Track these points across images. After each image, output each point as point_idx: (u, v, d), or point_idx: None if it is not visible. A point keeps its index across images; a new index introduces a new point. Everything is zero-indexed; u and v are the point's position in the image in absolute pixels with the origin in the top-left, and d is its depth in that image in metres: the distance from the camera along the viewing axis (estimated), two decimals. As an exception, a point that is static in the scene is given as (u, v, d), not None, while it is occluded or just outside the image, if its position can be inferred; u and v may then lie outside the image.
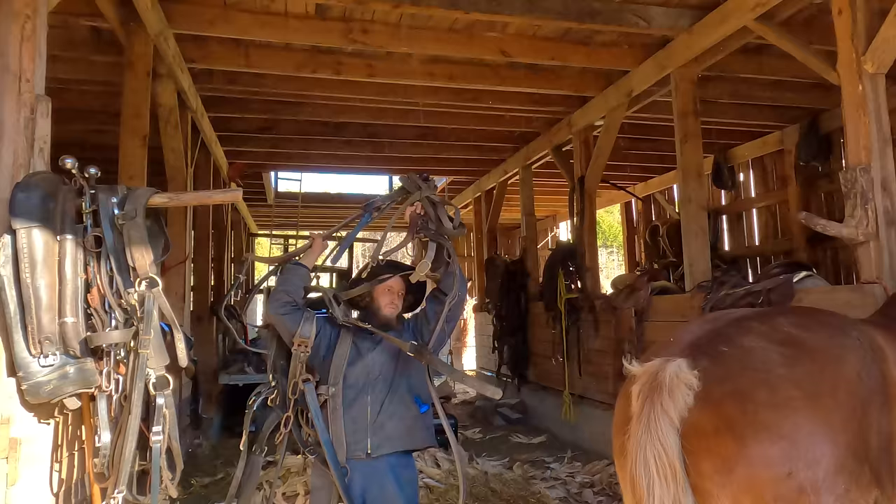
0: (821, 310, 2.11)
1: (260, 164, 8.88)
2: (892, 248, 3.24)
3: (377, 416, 2.74)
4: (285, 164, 9.03)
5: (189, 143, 5.87)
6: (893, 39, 3.26)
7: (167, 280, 5.52)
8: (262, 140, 7.78)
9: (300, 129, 7.39)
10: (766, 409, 1.65)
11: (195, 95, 5.86)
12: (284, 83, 5.83)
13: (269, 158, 8.61)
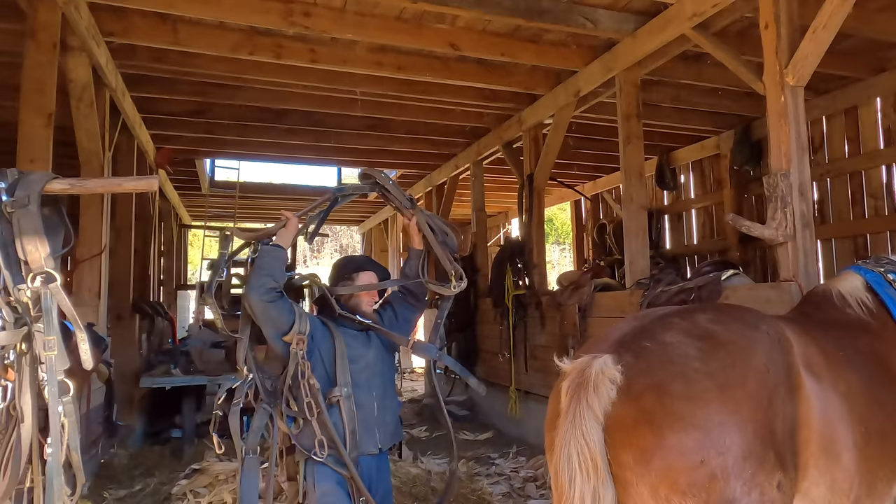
0: (738, 306, 2.27)
1: (192, 151, 8.40)
2: (807, 249, 3.48)
3: (378, 411, 2.78)
4: (221, 150, 8.55)
5: (107, 125, 5.46)
6: (811, 55, 3.50)
7: (80, 275, 5.19)
8: (193, 124, 7.35)
9: (237, 114, 7.06)
10: (682, 400, 1.78)
11: (114, 72, 5.46)
12: (218, 64, 5.52)
13: (203, 144, 8.18)
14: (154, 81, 6.18)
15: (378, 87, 6.19)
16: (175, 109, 6.97)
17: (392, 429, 2.83)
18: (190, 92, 6.39)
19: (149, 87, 6.23)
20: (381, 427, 2.77)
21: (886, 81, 5.86)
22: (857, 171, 6.33)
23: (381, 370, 2.85)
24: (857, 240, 6.33)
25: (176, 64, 5.53)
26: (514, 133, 7.20)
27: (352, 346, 2.78)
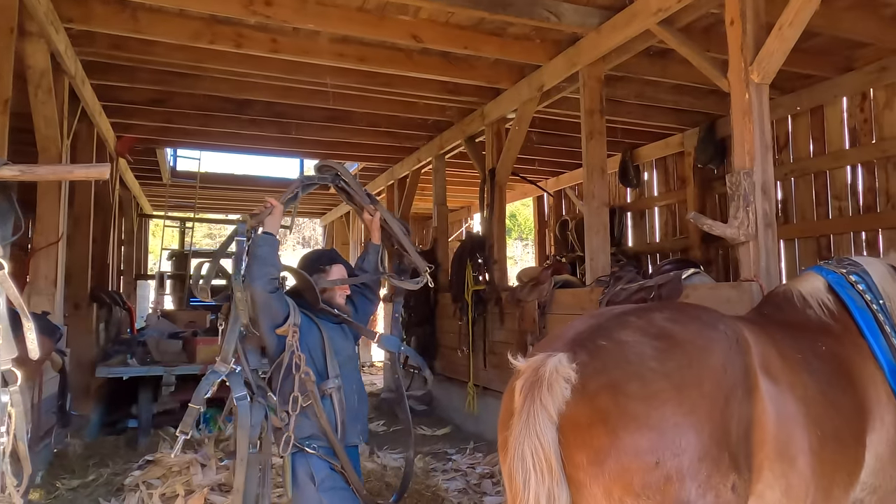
0: (697, 306, 2.20)
1: (153, 140, 8.29)
2: (768, 249, 3.45)
3: (358, 402, 2.85)
4: (182, 140, 8.44)
5: (66, 112, 5.41)
6: (777, 52, 3.46)
7: (36, 263, 5.15)
8: (154, 113, 7.25)
9: (198, 103, 6.95)
10: (637, 401, 1.69)
11: (74, 59, 5.35)
12: (179, 53, 5.41)
13: (163, 134, 8.04)
14: (114, 69, 6.05)
15: (341, 79, 6.07)
16: (135, 98, 6.84)
17: (365, 418, 2.93)
18: (150, 80, 6.27)
19: (109, 74, 6.10)
20: (362, 419, 2.87)
21: (853, 81, 5.89)
22: (821, 171, 6.38)
23: (356, 363, 2.95)
24: (820, 240, 6.39)
25: (136, 52, 5.41)
26: (476, 127, 7.09)
27: (333, 338, 2.82)
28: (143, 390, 6.08)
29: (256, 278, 2.64)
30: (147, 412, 6.04)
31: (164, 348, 6.38)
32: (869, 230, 5.91)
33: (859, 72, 5.80)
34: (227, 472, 4.19)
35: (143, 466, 4.47)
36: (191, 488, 4.03)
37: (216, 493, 4.02)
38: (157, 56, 5.47)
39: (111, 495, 4.20)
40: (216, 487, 4.12)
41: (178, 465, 4.31)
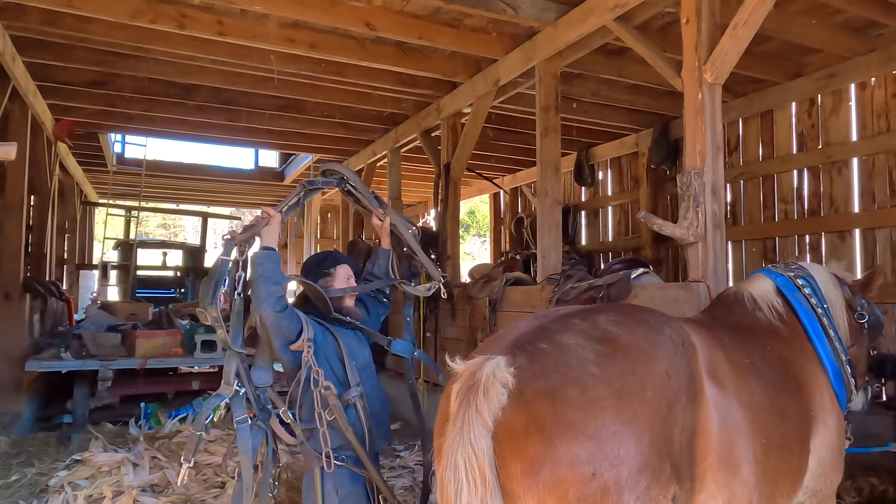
0: (644, 308, 2.12)
1: (94, 124, 7.85)
2: (717, 250, 3.43)
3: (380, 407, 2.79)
4: (126, 125, 8.01)
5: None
6: (731, 52, 3.44)
7: None
8: (94, 96, 6.85)
9: (141, 87, 6.60)
10: (575, 408, 1.60)
11: (1, 33, 5.02)
12: (118, 31, 5.08)
13: (106, 118, 7.61)
14: (49, 47, 5.64)
15: (292, 66, 5.83)
16: (73, 79, 6.42)
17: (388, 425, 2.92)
18: (89, 60, 5.87)
19: (43, 52, 5.69)
20: (385, 424, 2.83)
21: (802, 86, 5.98)
22: (769, 174, 6.47)
23: (373, 367, 2.87)
24: (766, 242, 6.49)
25: (71, 28, 5.04)
26: (432, 121, 6.96)
27: (349, 345, 2.75)
28: (79, 385, 5.81)
29: (263, 300, 2.54)
30: (83, 408, 5.78)
31: (101, 341, 6.07)
32: (812, 233, 6.03)
33: (808, 78, 5.90)
34: (161, 473, 3.96)
35: (70, 466, 4.18)
36: (120, 489, 3.79)
37: (147, 493, 3.79)
38: (95, 34, 5.11)
39: (34, 497, 3.92)
40: (148, 488, 3.90)
41: (107, 464, 4.06)
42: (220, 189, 13.07)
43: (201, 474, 4.07)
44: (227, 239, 2.65)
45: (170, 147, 23.87)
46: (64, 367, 5.72)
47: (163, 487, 3.91)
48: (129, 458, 4.15)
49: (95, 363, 5.74)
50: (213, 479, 4.02)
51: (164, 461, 4.23)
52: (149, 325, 6.82)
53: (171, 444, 4.73)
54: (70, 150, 9.01)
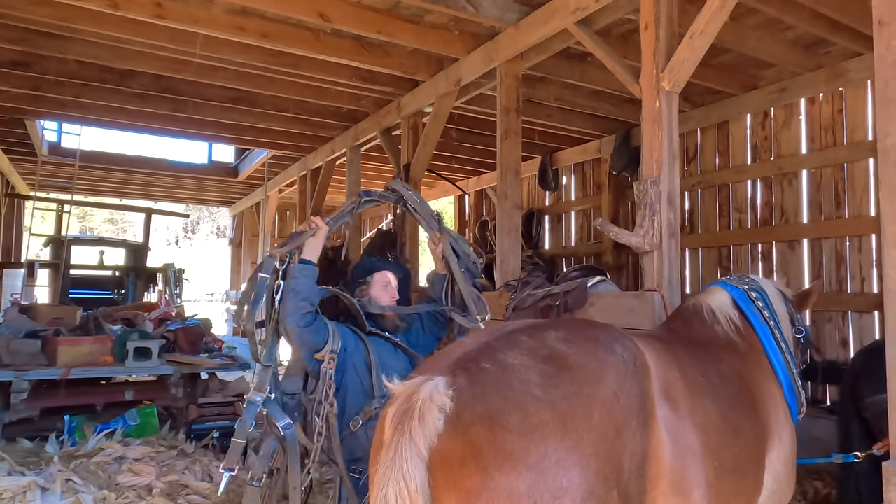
0: (597, 324, 2.02)
1: (19, 109, 7.23)
2: (671, 259, 3.39)
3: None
4: (55, 112, 7.38)
5: None
6: (688, 61, 3.41)
7: None
8: (16, 78, 6.29)
9: (71, 71, 6.12)
10: (516, 435, 1.49)
11: None
12: (40, 8, 4.66)
13: (31, 103, 7.03)
14: None
15: (242, 55, 5.55)
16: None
17: None
18: (8, 39, 5.37)
19: None
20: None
21: (756, 99, 6.06)
22: (725, 183, 6.54)
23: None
24: (721, 250, 6.56)
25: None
26: (392, 119, 6.82)
27: (381, 355, 2.70)
28: None
29: (289, 314, 2.51)
30: None
31: (16, 349, 5.52)
32: (765, 242, 6.12)
33: (762, 91, 5.99)
34: (75, 498, 3.62)
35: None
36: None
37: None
38: (14, 10, 4.66)
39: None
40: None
41: (11, 489, 3.65)
42: (169, 184, 12.48)
43: (122, 498, 3.77)
44: (268, 256, 2.59)
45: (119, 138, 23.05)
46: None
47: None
48: (37, 481, 3.76)
49: (8, 373, 5.20)
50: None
51: (79, 484, 3.88)
52: (74, 330, 6.28)
53: (89, 464, 4.35)
54: None
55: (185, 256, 27.20)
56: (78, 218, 27.80)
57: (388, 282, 2.92)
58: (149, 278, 10.97)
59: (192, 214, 29.91)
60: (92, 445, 4.87)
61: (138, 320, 6.72)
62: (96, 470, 4.28)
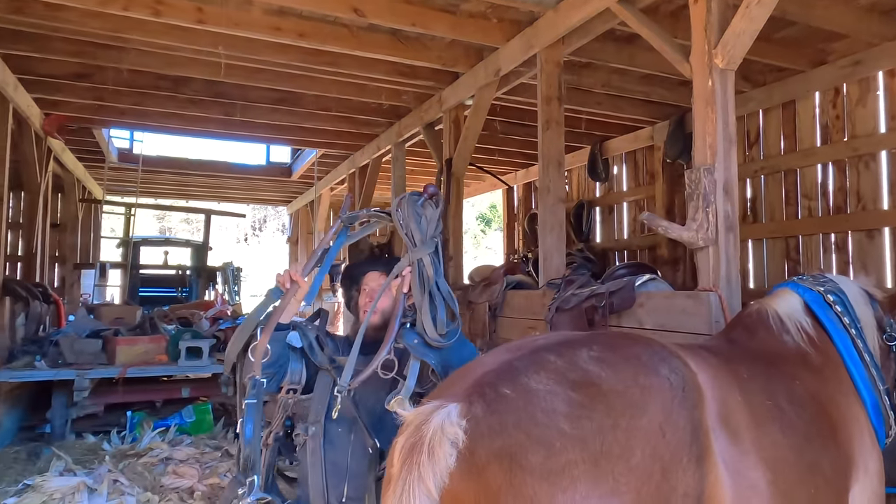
0: (638, 338, 1.74)
1: (86, 119, 7.57)
2: (729, 255, 3.06)
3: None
4: (117, 120, 7.72)
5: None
6: (744, 34, 3.06)
7: None
8: (81, 89, 6.56)
9: (126, 80, 6.32)
10: (538, 478, 1.27)
11: (-35, 23, 4.74)
12: (93, 20, 4.78)
13: (96, 112, 7.33)
14: (24, 37, 5.35)
15: (281, 56, 5.51)
16: (56, 71, 6.14)
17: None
18: (68, 51, 5.57)
19: (18, 43, 5.40)
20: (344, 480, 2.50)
21: (826, 74, 5.51)
22: (791, 168, 6.02)
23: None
24: (788, 241, 6.05)
25: (42, 17, 4.74)
26: (434, 114, 6.63)
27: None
28: (57, 394, 5.52)
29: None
30: (61, 418, 5.49)
31: (79, 348, 5.73)
32: (838, 232, 5.59)
33: (833, 65, 5.45)
34: (119, 501, 3.68)
35: (23, 491, 3.84)
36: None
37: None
38: (69, 23, 4.81)
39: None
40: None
41: (61, 490, 3.72)
42: (230, 185, 12.92)
43: (165, 500, 3.78)
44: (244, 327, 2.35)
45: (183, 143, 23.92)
46: (35, 378, 5.39)
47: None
48: (86, 482, 3.82)
49: (70, 372, 5.40)
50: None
51: (125, 486, 3.91)
52: (132, 330, 6.49)
53: (136, 464, 4.41)
54: (65, 145, 8.78)
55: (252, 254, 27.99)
56: (157, 219, 29.02)
57: (369, 288, 2.64)
58: (209, 277, 11.35)
59: (259, 213, 30.75)
60: (145, 444, 5.00)
61: (195, 319, 6.92)
62: (143, 471, 4.32)
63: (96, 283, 10.50)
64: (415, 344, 2.19)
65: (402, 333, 2.22)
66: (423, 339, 2.20)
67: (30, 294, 6.45)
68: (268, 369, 2.26)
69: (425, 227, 2.32)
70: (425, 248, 2.28)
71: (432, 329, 2.20)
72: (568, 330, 3.67)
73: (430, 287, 2.23)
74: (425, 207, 2.36)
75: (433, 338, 2.19)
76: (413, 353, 2.18)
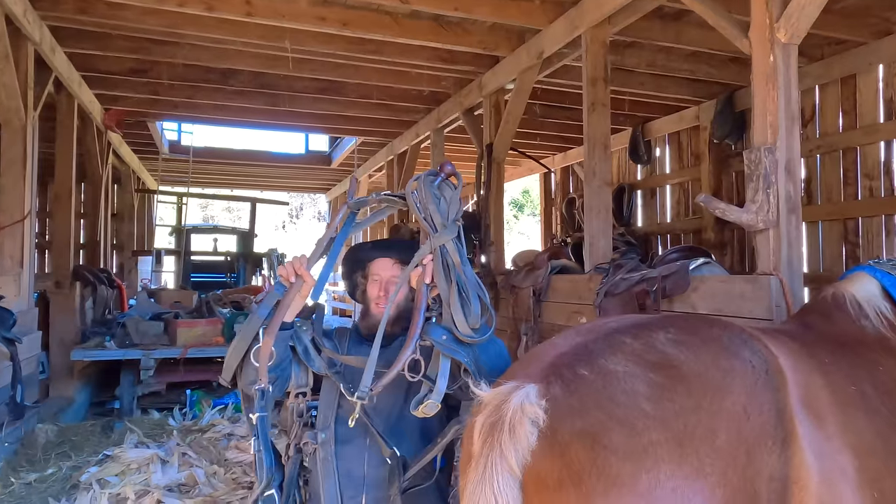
0: (715, 321, 1.70)
1: (142, 112, 7.92)
2: (791, 238, 2.96)
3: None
4: (170, 113, 8.09)
5: (30, 81, 5.07)
6: (810, 6, 2.93)
7: (0, 243, 4.93)
8: (138, 84, 6.88)
9: (181, 73, 6.56)
10: (621, 458, 1.26)
11: (37, 24, 4.98)
12: (150, 17, 4.98)
13: (151, 106, 7.69)
14: (87, 36, 5.64)
15: (326, 46, 5.60)
16: (115, 68, 6.45)
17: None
18: (127, 49, 5.86)
19: (82, 42, 5.71)
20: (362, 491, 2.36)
21: (891, 46, 5.21)
22: (851, 146, 5.77)
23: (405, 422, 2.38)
24: (847, 223, 5.81)
25: (104, 16, 4.99)
26: (474, 99, 6.59)
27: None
28: (125, 373, 5.89)
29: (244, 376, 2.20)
30: (129, 395, 5.86)
31: (143, 330, 6.13)
32: (902, 213, 5.38)
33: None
34: (189, 472, 3.85)
35: (102, 461, 4.13)
36: (147, 488, 3.68)
37: (173, 494, 3.65)
38: (129, 21, 5.03)
39: (64, 493, 3.86)
40: (175, 488, 3.77)
41: (137, 461, 3.96)
42: (271, 174, 13.30)
43: (230, 473, 3.94)
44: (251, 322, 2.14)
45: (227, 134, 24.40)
46: (107, 357, 5.80)
47: (190, 487, 3.77)
48: (158, 454, 4.06)
49: (138, 352, 5.81)
50: (242, 479, 3.87)
51: (193, 458, 4.12)
52: (191, 313, 6.85)
53: (202, 439, 4.63)
54: (123, 139, 9.19)
55: (290, 240, 28.50)
56: (201, 207, 29.78)
57: (376, 275, 2.36)
58: (255, 263, 11.70)
59: (296, 200, 31.25)
60: (206, 420, 5.24)
61: (245, 303, 7.21)
62: (208, 445, 4.52)
63: (153, 268, 10.94)
64: (443, 340, 1.92)
65: (427, 329, 1.96)
66: (453, 335, 1.94)
67: (97, 279, 6.88)
68: (271, 373, 2.07)
69: (445, 209, 2.07)
70: (448, 233, 2.02)
71: (464, 323, 1.92)
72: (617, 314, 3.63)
73: (457, 276, 1.97)
74: (443, 188, 2.11)
75: (465, 333, 1.92)
76: (442, 351, 1.92)
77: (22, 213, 5.03)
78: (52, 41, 5.44)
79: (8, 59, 4.62)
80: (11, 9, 4.41)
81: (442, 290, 1.99)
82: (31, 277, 5.25)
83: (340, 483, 2.13)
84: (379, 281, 2.35)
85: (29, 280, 5.19)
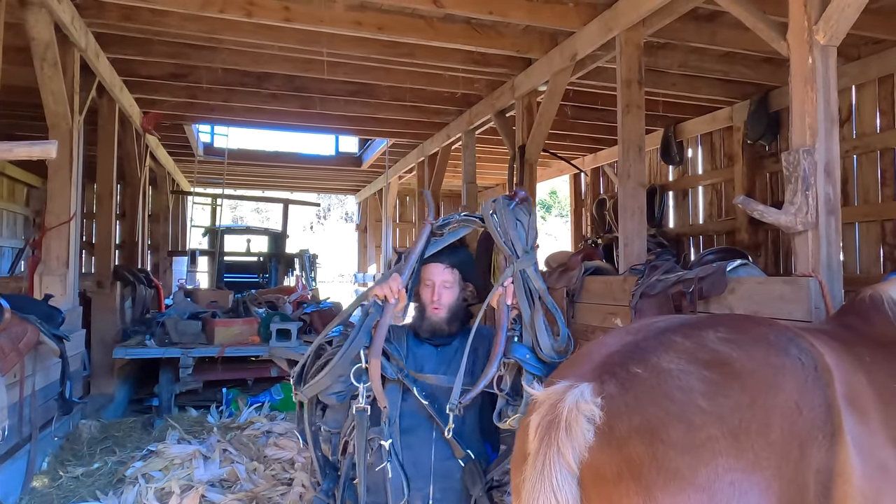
0: (762, 320, 1.76)
1: (178, 116, 8.14)
2: (831, 239, 2.97)
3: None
4: (207, 116, 8.26)
5: (76, 87, 5.25)
6: (850, 7, 2.94)
7: (48, 243, 5.09)
8: (176, 88, 7.06)
9: (218, 78, 6.72)
10: (680, 451, 1.32)
11: (83, 31, 5.16)
12: (192, 23, 5.15)
13: (188, 109, 7.89)
14: (130, 42, 5.84)
15: (360, 49, 5.71)
16: (155, 72, 6.65)
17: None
18: (167, 53, 6.04)
19: (125, 48, 5.90)
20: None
21: (929, 46, 5.18)
22: (888, 147, 5.71)
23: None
24: (884, 225, 5.74)
25: (148, 23, 5.17)
26: (506, 101, 6.64)
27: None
28: (164, 371, 6.04)
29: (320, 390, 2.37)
30: (168, 392, 6.00)
31: (182, 329, 6.28)
32: (942, 215, 5.29)
33: (938, 34, 5.13)
34: (231, 467, 3.96)
35: (146, 457, 4.26)
36: (190, 483, 3.80)
37: (216, 489, 3.77)
38: (171, 27, 5.22)
39: (111, 487, 3.99)
40: (217, 483, 3.88)
41: (180, 457, 4.09)
42: (302, 175, 13.48)
43: (269, 469, 4.05)
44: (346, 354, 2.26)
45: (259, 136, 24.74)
46: (147, 355, 5.95)
47: (231, 483, 3.88)
48: (200, 450, 4.17)
49: (177, 350, 5.94)
50: (282, 476, 3.97)
51: (234, 455, 4.23)
52: (227, 312, 6.98)
53: (241, 436, 4.74)
54: (160, 141, 9.43)
55: (318, 241, 28.85)
56: (230, 209, 30.38)
57: (429, 280, 2.47)
58: (287, 263, 11.87)
59: (324, 201, 31.65)
60: (244, 418, 5.36)
61: (280, 303, 7.34)
62: (248, 442, 4.64)
63: (188, 269, 11.16)
64: (527, 359, 2.12)
65: (511, 348, 2.15)
66: (535, 354, 2.14)
67: (136, 279, 7.05)
68: (346, 385, 2.24)
69: (524, 235, 2.25)
70: (528, 259, 2.22)
71: (549, 347, 2.14)
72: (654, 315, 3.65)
73: (550, 302, 2.19)
74: (517, 212, 2.30)
75: (549, 355, 2.13)
76: (526, 369, 2.11)
77: (68, 215, 5.17)
78: (96, 47, 5.62)
79: (57, 66, 4.78)
80: (60, 17, 4.57)
81: (524, 312, 2.17)
82: (76, 277, 5.41)
83: (407, 474, 2.24)
84: (431, 286, 2.47)
85: (74, 280, 5.34)
